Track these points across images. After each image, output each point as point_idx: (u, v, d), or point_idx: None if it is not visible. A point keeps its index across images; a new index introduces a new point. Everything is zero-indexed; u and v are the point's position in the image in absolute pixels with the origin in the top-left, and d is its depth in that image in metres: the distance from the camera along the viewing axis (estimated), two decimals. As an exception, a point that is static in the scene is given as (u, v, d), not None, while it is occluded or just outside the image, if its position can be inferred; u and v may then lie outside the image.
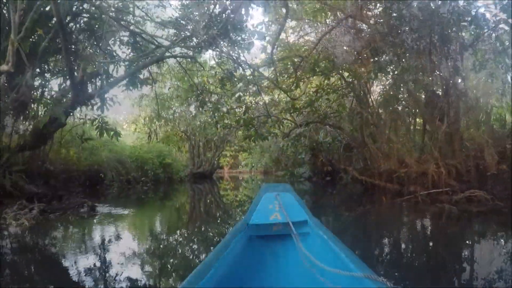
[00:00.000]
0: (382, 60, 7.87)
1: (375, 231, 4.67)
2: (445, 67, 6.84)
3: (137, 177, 12.45)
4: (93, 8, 7.02)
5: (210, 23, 6.57)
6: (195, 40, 7.23)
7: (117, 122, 16.86)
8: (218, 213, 6.78)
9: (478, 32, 6.88)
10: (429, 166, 6.44)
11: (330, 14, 7.79)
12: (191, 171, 18.49)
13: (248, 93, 10.13)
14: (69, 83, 6.69)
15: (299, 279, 1.72)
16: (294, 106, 10.02)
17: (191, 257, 3.28)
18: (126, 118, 20.20)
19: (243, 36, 7.04)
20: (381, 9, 8.17)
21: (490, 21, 6.30)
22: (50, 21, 6.75)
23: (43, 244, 3.72)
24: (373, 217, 5.92)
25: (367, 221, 5.48)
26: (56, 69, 7.94)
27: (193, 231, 4.73)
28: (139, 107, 17.01)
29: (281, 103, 11.83)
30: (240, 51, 7.30)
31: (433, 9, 6.60)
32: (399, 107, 8.69)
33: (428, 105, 7.05)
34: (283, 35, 10.66)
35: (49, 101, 7.16)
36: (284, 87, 8.79)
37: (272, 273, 1.81)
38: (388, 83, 9.49)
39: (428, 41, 6.85)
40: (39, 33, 6.20)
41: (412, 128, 8.80)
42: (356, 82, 9.44)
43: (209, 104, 9.92)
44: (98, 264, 2.83)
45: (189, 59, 9.25)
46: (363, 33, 8.07)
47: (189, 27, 6.97)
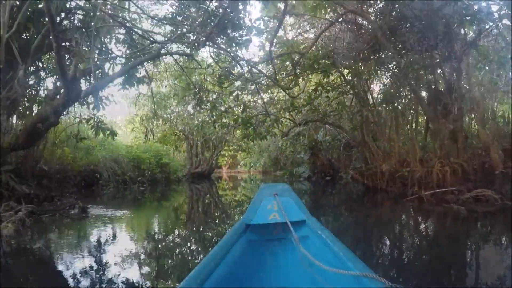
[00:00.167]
0: (383, 56, 7.69)
1: (382, 234, 4.37)
2: (448, 63, 6.67)
3: (133, 177, 12.30)
4: (87, 5, 6.84)
5: (206, 19, 6.38)
6: (192, 37, 7.06)
7: (114, 122, 16.70)
8: (216, 214, 6.59)
9: (481, 26, 6.71)
10: (433, 165, 6.23)
11: (330, 10, 7.61)
12: (189, 171, 18.36)
13: (246, 92, 9.96)
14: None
15: (298, 278, 1.72)
16: (293, 105, 9.86)
17: (187, 262, 3.08)
18: (123, 118, 20.06)
19: (241, 32, 6.84)
20: (381, 5, 8.01)
21: (494, 14, 6.12)
22: (43, 18, 6.55)
23: (23, 249, 3.44)
24: (378, 218, 5.57)
25: (372, 224, 5.15)
26: (50, 66, 7.76)
27: (190, 232, 4.52)
28: (135, 106, 16.84)
29: (280, 101, 11.68)
30: (237, 48, 7.11)
31: (436, 8, 6.42)
32: (400, 104, 8.50)
33: (431, 102, 6.86)
34: (282, 32, 10.51)
35: (41, 99, 6.98)
36: (282, 84, 8.61)
37: (271, 273, 1.81)
38: (389, 80, 9.33)
39: (431, 40, 6.69)
40: (32, 30, 6.03)
41: (414, 126, 8.61)
42: (356, 79, 9.26)
43: (206, 103, 9.76)
44: (79, 275, 2.55)
45: (186, 57, 9.07)
46: (363, 29, 7.88)
47: (185, 22, 6.79)
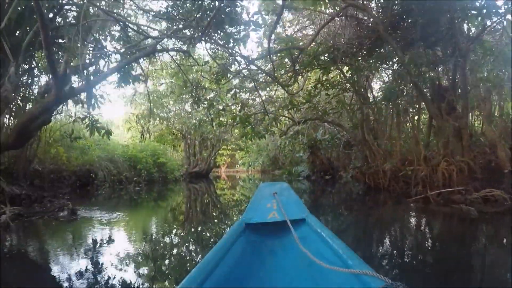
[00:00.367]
0: (385, 52, 7.49)
1: (390, 237, 4.09)
2: (452, 59, 6.47)
3: (129, 177, 12.08)
4: (81, 1, 6.63)
5: (203, 14, 6.18)
6: (188, 33, 6.85)
7: (111, 122, 16.44)
8: (214, 214, 6.39)
9: (485, 22, 6.52)
10: (437, 164, 6.03)
11: (330, 5, 7.40)
12: (187, 171, 18.17)
13: (244, 90, 9.76)
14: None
15: (298, 277, 1.73)
16: (292, 103, 9.67)
17: (183, 264, 2.88)
18: (120, 117, 19.81)
19: (238, 28, 6.64)
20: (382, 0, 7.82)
21: (500, 7, 5.93)
22: (35, 14, 6.33)
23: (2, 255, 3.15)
24: (383, 220, 5.24)
25: (377, 226, 4.85)
26: (44, 64, 7.53)
27: (187, 234, 4.29)
28: (131, 105, 16.61)
29: (279, 99, 11.49)
30: (235, 44, 6.90)
31: (439, 3, 6.23)
32: (402, 101, 8.30)
33: (434, 99, 6.66)
34: (280, 29, 10.31)
35: (32, 97, 6.76)
36: (281, 81, 8.41)
37: (271, 272, 1.81)
38: (390, 76, 9.14)
39: (434, 35, 6.50)
40: (24, 26, 5.81)
41: (416, 123, 8.40)
42: (356, 76, 9.07)
43: (204, 101, 9.56)
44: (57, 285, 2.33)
45: (182, 54, 8.87)
46: (364, 23, 7.69)
47: (180, 17, 6.57)
